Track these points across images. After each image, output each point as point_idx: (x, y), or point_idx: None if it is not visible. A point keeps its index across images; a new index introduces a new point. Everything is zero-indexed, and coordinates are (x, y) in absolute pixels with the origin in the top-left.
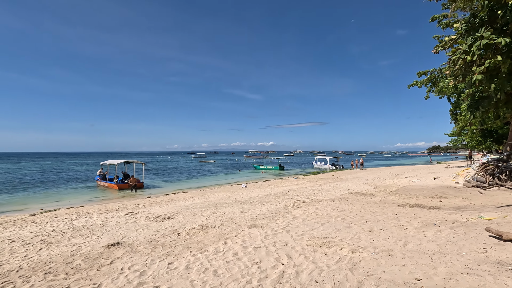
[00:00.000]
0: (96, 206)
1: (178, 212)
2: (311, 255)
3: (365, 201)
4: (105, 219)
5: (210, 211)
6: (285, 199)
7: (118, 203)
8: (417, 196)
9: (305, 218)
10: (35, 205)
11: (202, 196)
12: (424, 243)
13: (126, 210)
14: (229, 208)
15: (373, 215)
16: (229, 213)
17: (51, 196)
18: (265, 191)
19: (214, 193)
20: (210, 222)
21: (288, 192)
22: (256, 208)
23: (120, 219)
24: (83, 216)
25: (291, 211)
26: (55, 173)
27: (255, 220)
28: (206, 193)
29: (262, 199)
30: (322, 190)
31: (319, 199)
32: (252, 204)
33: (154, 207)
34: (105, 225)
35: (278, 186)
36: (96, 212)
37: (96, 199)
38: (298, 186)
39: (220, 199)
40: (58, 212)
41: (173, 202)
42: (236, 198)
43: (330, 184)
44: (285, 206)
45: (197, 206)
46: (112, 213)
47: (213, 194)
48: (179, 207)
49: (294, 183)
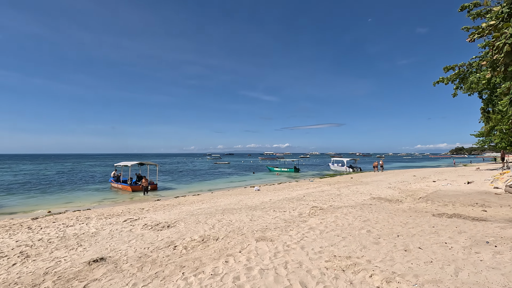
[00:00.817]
0: (102, 210)
1: (180, 219)
2: (333, 284)
3: (392, 209)
4: (100, 226)
5: (215, 219)
6: (300, 205)
7: (124, 207)
8: (453, 203)
9: (323, 229)
10: (45, 207)
11: (211, 200)
12: (483, 271)
13: (128, 215)
14: (237, 215)
15: (405, 227)
16: (236, 221)
17: (64, 198)
18: (278, 195)
19: (225, 196)
20: (214, 232)
21: (304, 197)
22: (267, 215)
23: (116, 226)
24: (82, 221)
25: (307, 220)
26: (73, 175)
27: (264, 231)
28: (217, 196)
29: (274, 204)
30: (341, 194)
31: (338, 206)
32: (263, 211)
33: (158, 212)
34: (98, 233)
35: (293, 190)
36: (96, 217)
37: (106, 201)
38: (315, 189)
39: (229, 203)
40: (60, 216)
41: (180, 206)
42: (246, 203)
43: (349, 187)
44: (299, 213)
45: (203, 212)
46: (112, 218)
47: (223, 197)
48: (184, 212)
49: (310, 186)
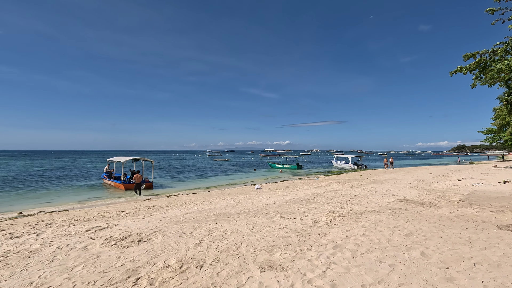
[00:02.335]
0: (76, 212)
1: (159, 229)
2: None
3: (431, 216)
4: (51, 239)
5: (205, 229)
6: (312, 209)
7: (104, 208)
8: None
9: (353, 248)
10: (22, 207)
11: (206, 201)
12: None
13: (99, 221)
14: (234, 223)
15: (473, 248)
16: (232, 233)
17: (48, 195)
18: (283, 196)
19: (222, 196)
20: (199, 252)
21: (314, 198)
22: (273, 224)
23: (72, 240)
24: (38, 229)
25: (327, 232)
26: (68, 171)
27: (271, 251)
28: (212, 196)
29: (280, 208)
30: (358, 195)
31: (360, 210)
32: (267, 217)
33: (136, 217)
34: (38, 252)
35: (299, 189)
36: (60, 223)
37: (91, 200)
38: (324, 189)
39: (225, 206)
40: (20, 221)
41: (167, 209)
42: (246, 206)
43: (364, 187)
44: (314, 221)
45: (191, 218)
46: (76, 226)
47: (219, 198)
48: (168, 218)
49: (318, 184)
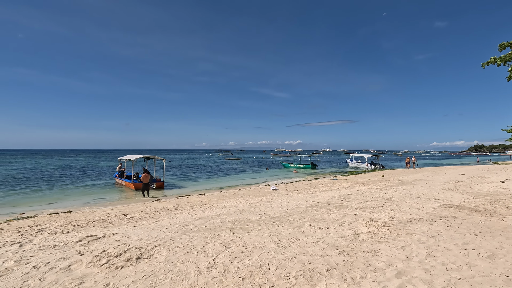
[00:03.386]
0: (76, 215)
1: (164, 241)
2: None
3: (501, 228)
4: (33, 253)
5: (221, 241)
6: (345, 216)
7: (108, 210)
8: None
9: (427, 278)
10: (26, 207)
11: (219, 203)
12: None
13: (97, 227)
14: (255, 233)
15: None
16: (254, 249)
17: (56, 195)
18: (306, 199)
19: (236, 198)
20: (214, 279)
21: (342, 202)
22: (303, 236)
23: (56, 254)
24: (25, 237)
25: (376, 250)
26: (81, 169)
27: (311, 280)
28: (226, 197)
29: (307, 214)
30: (393, 199)
31: (404, 218)
32: (294, 226)
33: (140, 223)
34: (7, 274)
35: (320, 190)
36: (53, 230)
37: (98, 201)
38: (349, 190)
39: (241, 210)
40: (14, 224)
41: (175, 213)
42: (265, 211)
43: (394, 188)
44: (354, 232)
45: (203, 226)
46: (69, 234)
47: (234, 199)
48: (176, 225)
49: (340, 185)
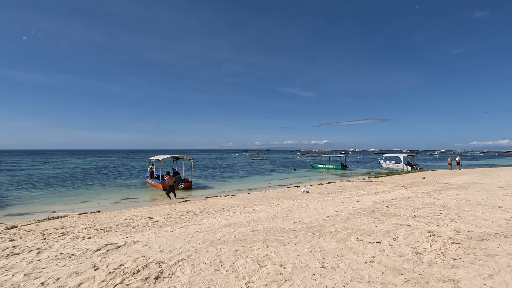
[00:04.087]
0: (102, 217)
1: (189, 254)
2: None
3: None
4: (48, 263)
5: (253, 256)
6: (396, 227)
7: (133, 212)
8: None
9: None
10: (59, 206)
11: (247, 207)
12: None
13: (120, 233)
14: (293, 247)
15: None
16: (294, 269)
17: (89, 194)
18: (343, 203)
19: (265, 200)
20: None
21: (388, 209)
22: (351, 252)
23: (70, 267)
24: (46, 242)
25: (456, 279)
26: (114, 169)
27: None
28: (254, 199)
29: (349, 223)
30: (448, 206)
31: (474, 232)
32: (337, 239)
33: (164, 229)
34: None
35: (357, 194)
36: (76, 234)
37: (126, 201)
38: (390, 194)
39: (273, 216)
40: (42, 225)
41: (201, 217)
42: (300, 218)
43: (443, 193)
44: (415, 250)
45: (232, 236)
46: (90, 240)
47: (263, 202)
48: (202, 233)
49: (378, 188)
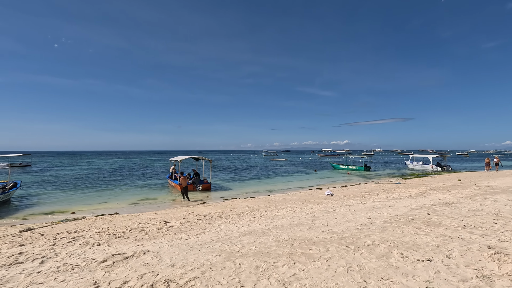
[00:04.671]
0: (118, 220)
1: (203, 271)
2: None
3: None
4: (46, 276)
5: (277, 275)
6: (446, 240)
7: (149, 215)
8: None
9: None
10: (80, 206)
11: (268, 211)
12: None
13: (130, 240)
14: (324, 264)
15: None
16: None
17: (109, 194)
18: (374, 209)
19: (287, 203)
20: None
21: (430, 217)
22: (400, 275)
23: (69, 283)
24: (54, 249)
25: None
26: (137, 170)
27: None
28: (275, 202)
29: (387, 233)
30: (501, 214)
31: None
32: (377, 254)
33: (179, 236)
34: None
35: (388, 197)
36: (87, 240)
37: (144, 202)
38: (426, 199)
39: (297, 223)
40: (58, 228)
41: (219, 222)
42: (328, 225)
43: (491, 198)
44: (479, 272)
45: (252, 247)
46: (99, 247)
47: (284, 206)
48: (219, 243)
49: (410, 191)
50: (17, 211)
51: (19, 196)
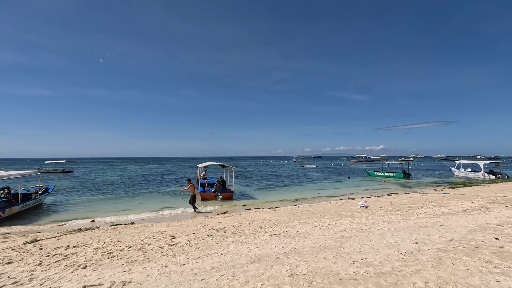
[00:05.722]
0: (125, 232)
1: None
2: None
3: None
4: None
5: None
6: None
7: (160, 229)
8: None
9: None
10: (102, 213)
11: (290, 226)
12: None
13: (121, 263)
14: None
15: None
16: None
17: (133, 201)
18: (421, 228)
19: (313, 217)
20: None
21: (502, 245)
22: None
23: None
24: (40, 269)
25: None
26: (167, 175)
27: None
28: (300, 215)
29: (444, 269)
30: None
31: None
32: None
33: (176, 259)
34: None
35: (435, 212)
36: (76, 260)
37: (165, 210)
38: (488, 215)
39: (322, 245)
40: (65, 240)
41: (230, 240)
42: (361, 251)
43: None
44: None
45: (258, 285)
46: (84, 271)
47: (310, 221)
48: (219, 273)
49: (463, 204)
50: (42, 217)
51: (52, 201)
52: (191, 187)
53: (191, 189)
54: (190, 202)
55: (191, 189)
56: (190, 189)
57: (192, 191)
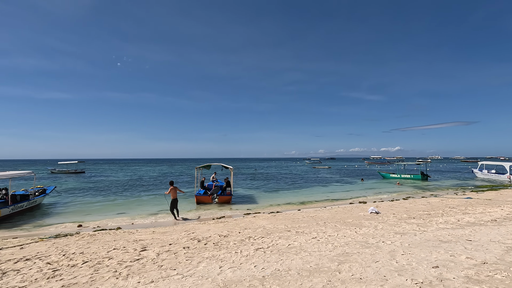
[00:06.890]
0: (103, 239)
1: None
2: None
3: None
4: None
5: None
6: None
7: (140, 237)
8: None
9: None
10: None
11: (283, 237)
12: None
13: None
14: None
15: None
16: None
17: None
18: (441, 243)
19: (314, 225)
20: None
21: None
22: None
23: None
24: None
25: None
26: (176, 176)
27: None
28: (300, 222)
29: None
30: None
31: None
32: None
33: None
34: None
35: (458, 221)
36: (40, 267)
37: (161, 214)
38: None
39: (314, 267)
40: (24, 250)
41: (206, 254)
42: (362, 277)
43: None
44: None
45: None
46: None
47: (309, 230)
48: None
49: (492, 212)
50: (32, 219)
51: (52, 202)
52: (171, 190)
53: (172, 192)
54: (170, 209)
55: (172, 192)
56: (171, 193)
57: (173, 195)
